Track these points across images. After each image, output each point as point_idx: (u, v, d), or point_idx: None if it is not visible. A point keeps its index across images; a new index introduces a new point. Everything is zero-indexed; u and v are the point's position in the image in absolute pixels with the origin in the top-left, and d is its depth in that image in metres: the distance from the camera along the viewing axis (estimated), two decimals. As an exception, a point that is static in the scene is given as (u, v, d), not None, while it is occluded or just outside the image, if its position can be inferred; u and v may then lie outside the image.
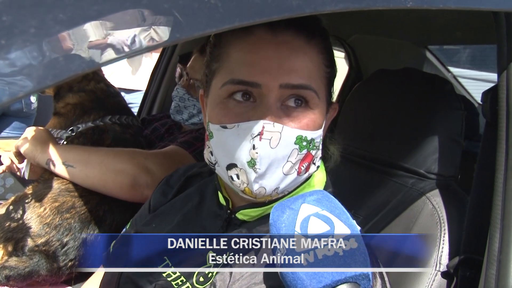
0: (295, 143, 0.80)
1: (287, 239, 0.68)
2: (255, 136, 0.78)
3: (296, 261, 0.66)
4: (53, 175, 1.52)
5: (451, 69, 2.65)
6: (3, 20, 0.43)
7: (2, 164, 1.70)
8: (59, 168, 1.47)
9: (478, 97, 2.72)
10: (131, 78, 3.71)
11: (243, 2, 0.54)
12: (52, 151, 1.49)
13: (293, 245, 0.67)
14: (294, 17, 0.58)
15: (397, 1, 0.65)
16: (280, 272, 0.68)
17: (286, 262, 0.67)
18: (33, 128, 1.57)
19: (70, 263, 1.46)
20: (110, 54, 0.48)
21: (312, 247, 0.66)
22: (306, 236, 0.67)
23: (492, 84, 0.96)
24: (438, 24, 1.70)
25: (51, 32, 0.45)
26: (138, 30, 0.49)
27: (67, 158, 1.47)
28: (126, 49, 0.49)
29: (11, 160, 1.62)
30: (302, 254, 0.66)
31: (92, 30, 0.47)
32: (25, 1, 0.44)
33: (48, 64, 0.45)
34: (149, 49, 0.50)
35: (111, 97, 1.75)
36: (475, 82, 3.52)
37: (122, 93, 3.69)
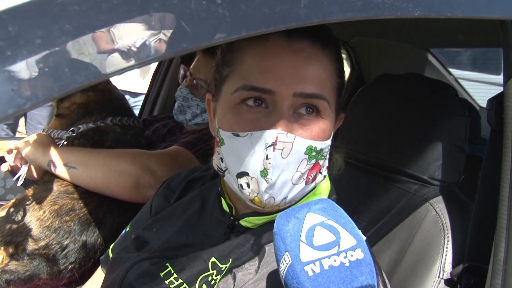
0: (305, 153, 0.80)
1: (292, 249, 0.67)
2: (269, 146, 0.77)
3: (302, 271, 0.65)
4: (53, 177, 1.52)
5: (452, 71, 2.65)
6: (9, 30, 0.42)
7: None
8: (61, 170, 1.47)
9: (479, 99, 2.72)
10: (137, 82, 3.71)
11: (251, 11, 0.53)
12: (54, 153, 1.48)
13: (298, 255, 0.66)
14: (302, 26, 0.57)
15: (405, 10, 0.65)
16: (285, 282, 0.67)
17: (291, 272, 0.66)
18: (34, 135, 1.57)
19: (70, 266, 1.45)
20: (116, 64, 0.47)
21: (318, 257, 0.65)
22: (312, 246, 0.67)
23: (493, 87, 0.96)
24: (441, 27, 1.69)
25: (57, 43, 0.44)
26: (145, 40, 0.48)
27: (69, 159, 1.46)
28: (133, 59, 0.48)
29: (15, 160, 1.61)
30: (308, 264, 0.65)
31: (99, 41, 0.46)
32: (31, 11, 0.43)
33: (54, 75, 0.44)
34: (156, 59, 0.49)
35: (117, 100, 1.75)
36: (476, 85, 3.52)
37: (127, 96, 3.70)
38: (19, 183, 1.59)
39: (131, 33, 0.48)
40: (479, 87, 3.50)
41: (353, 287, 0.64)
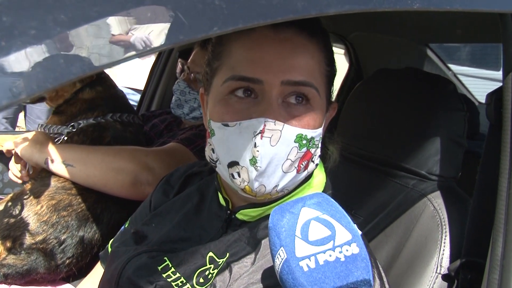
0: (295, 141, 0.80)
1: (287, 244, 0.67)
2: (257, 134, 0.77)
3: (297, 266, 0.65)
4: (50, 172, 1.51)
5: (451, 66, 2.65)
6: (3, 20, 0.42)
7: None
8: (58, 168, 1.46)
9: (478, 95, 2.72)
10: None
11: (248, 3, 0.53)
12: (51, 151, 1.48)
13: (293, 250, 0.66)
14: (299, 18, 0.57)
15: (404, 3, 0.64)
16: (280, 277, 0.67)
17: (287, 267, 0.66)
18: (31, 133, 1.57)
19: (67, 261, 1.45)
20: (111, 56, 0.47)
21: (313, 252, 0.65)
22: (307, 241, 0.66)
23: (492, 82, 0.95)
24: (439, 22, 1.69)
25: (51, 34, 0.43)
26: (141, 32, 0.48)
27: (66, 157, 1.46)
28: (128, 51, 0.47)
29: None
30: (303, 260, 0.65)
31: (93, 32, 0.46)
32: (25, 1, 0.43)
33: (49, 67, 0.43)
34: (152, 50, 0.49)
35: (121, 97, 1.76)
36: (475, 80, 3.52)
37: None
38: (31, 171, 1.60)
39: (126, 24, 0.48)
40: (478, 82, 3.50)
41: (349, 282, 0.63)
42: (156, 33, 0.48)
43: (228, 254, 0.86)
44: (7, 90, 0.42)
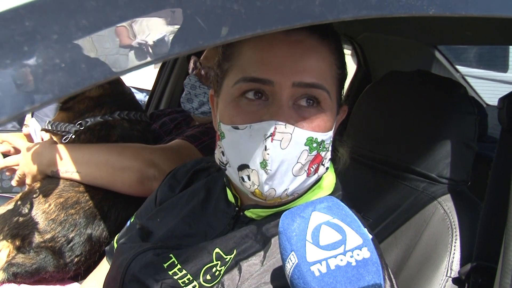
0: (305, 145, 0.80)
1: (298, 249, 0.67)
2: (268, 137, 0.77)
3: (308, 271, 0.65)
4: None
5: (459, 68, 2.63)
6: (26, 25, 0.42)
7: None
8: (65, 175, 1.48)
9: (485, 96, 2.71)
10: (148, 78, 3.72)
11: (266, 8, 0.53)
12: (54, 162, 1.48)
13: (304, 255, 0.66)
14: (317, 24, 0.57)
15: (419, 8, 0.64)
16: (291, 282, 0.67)
17: (298, 272, 0.66)
18: (33, 147, 1.58)
19: (76, 259, 1.46)
20: (132, 60, 0.47)
21: (324, 257, 0.65)
22: (318, 246, 0.66)
23: (499, 84, 0.95)
24: (449, 24, 1.68)
25: (73, 38, 0.44)
26: (161, 37, 0.48)
27: (70, 165, 1.47)
28: (149, 56, 0.48)
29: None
30: (314, 264, 0.65)
31: (115, 37, 0.46)
32: (47, 6, 0.43)
33: (71, 71, 0.44)
34: (172, 55, 0.49)
35: (127, 94, 1.76)
36: (482, 82, 3.50)
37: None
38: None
39: (147, 29, 0.48)
40: (485, 84, 3.48)
41: (360, 287, 0.64)
42: (175, 38, 0.49)
43: (235, 251, 0.86)
44: (30, 95, 0.42)
